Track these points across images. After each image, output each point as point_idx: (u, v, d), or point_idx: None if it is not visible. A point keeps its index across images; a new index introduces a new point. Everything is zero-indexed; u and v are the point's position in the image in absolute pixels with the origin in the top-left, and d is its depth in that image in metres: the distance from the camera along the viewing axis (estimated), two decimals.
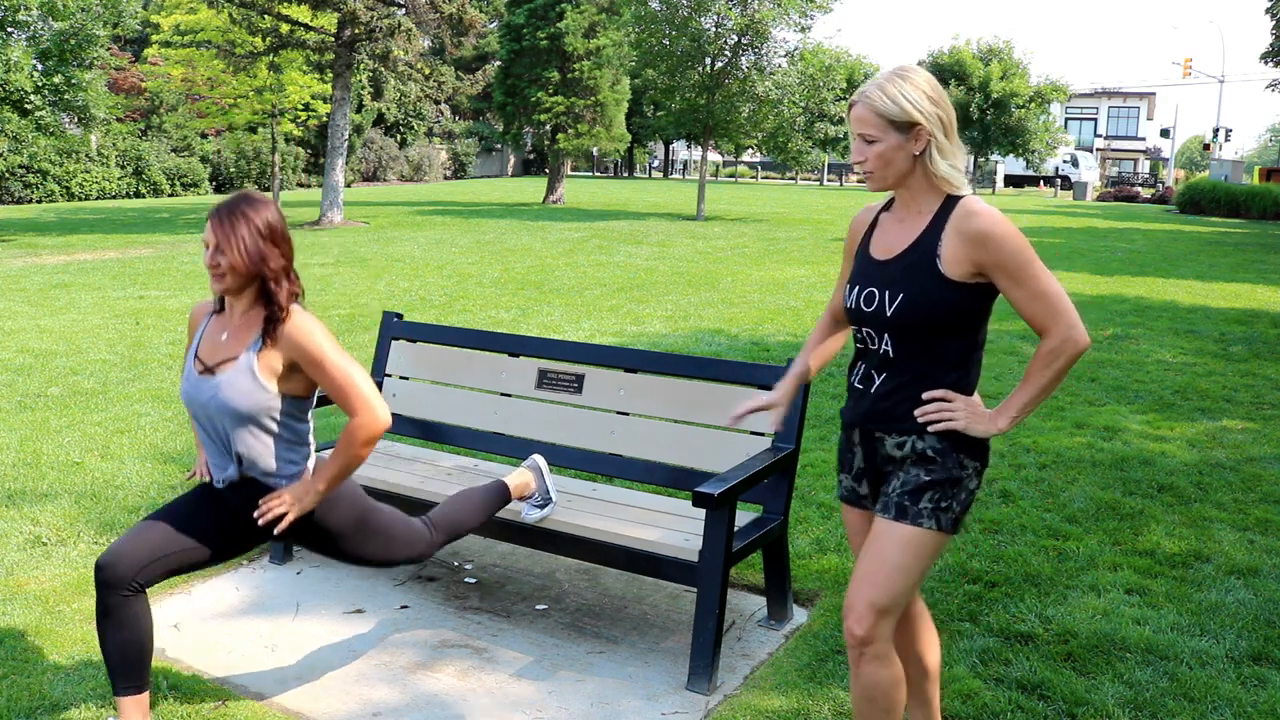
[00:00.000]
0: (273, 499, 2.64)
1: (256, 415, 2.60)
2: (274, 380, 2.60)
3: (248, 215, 2.57)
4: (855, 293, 2.30)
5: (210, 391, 2.60)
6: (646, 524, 3.36)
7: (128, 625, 2.60)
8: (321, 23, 21.36)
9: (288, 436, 2.67)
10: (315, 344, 2.58)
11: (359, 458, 2.64)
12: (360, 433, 2.60)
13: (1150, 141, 66.48)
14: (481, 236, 18.30)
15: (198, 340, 2.73)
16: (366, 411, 2.60)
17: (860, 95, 2.21)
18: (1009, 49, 45.95)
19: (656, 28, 22.82)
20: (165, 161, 36.63)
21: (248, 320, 2.64)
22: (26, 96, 16.69)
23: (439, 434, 4.13)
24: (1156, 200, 38.80)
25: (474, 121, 55.64)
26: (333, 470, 2.64)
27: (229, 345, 2.64)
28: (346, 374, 2.60)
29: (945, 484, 2.23)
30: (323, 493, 2.66)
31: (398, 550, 2.91)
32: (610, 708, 3.02)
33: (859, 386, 2.34)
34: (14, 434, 5.67)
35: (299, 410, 2.69)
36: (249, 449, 2.63)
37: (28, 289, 11.58)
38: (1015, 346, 8.48)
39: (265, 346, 2.59)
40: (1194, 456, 5.46)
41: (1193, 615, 3.57)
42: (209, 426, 2.66)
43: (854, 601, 2.24)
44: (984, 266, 2.16)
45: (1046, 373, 2.17)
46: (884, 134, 2.19)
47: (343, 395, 2.60)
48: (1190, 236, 21.05)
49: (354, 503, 2.81)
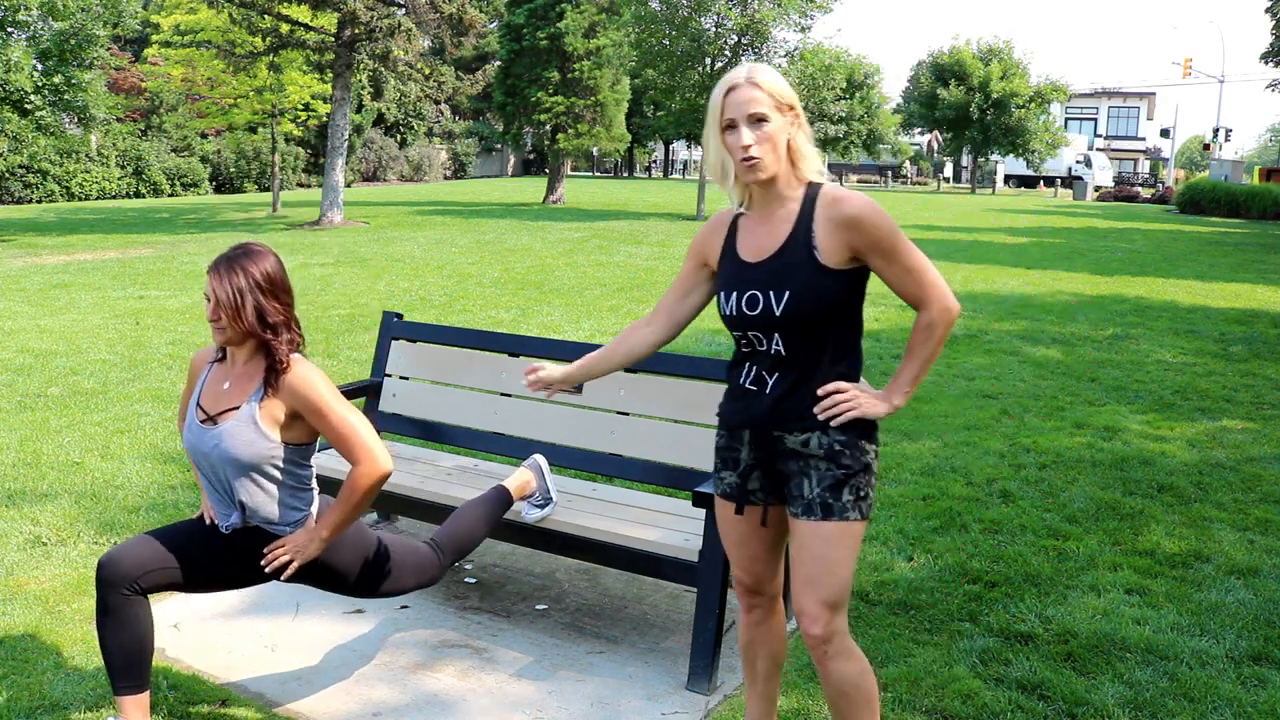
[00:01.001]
0: (277, 547, 2.67)
1: (259, 464, 2.61)
2: (276, 429, 2.62)
3: (247, 269, 2.58)
4: (734, 299, 2.28)
5: (213, 441, 2.62)
6: (646, 524, 3.36)
7: (128, 624, 2.61)
8: (321, 23, 21.36)
9: (290, 484, 2.69)
10: (317, 393, 2.61)
11: (362, 505, 2.66)
12: (363, 481, 2.62)
13: (1150, 141, 66.49)
14: (481, 236, 18.31)
15: (199, 389, 2.74)
16: (368, 460, 2.62)
17: (741, 80, 2.21)
18: (1009, 49, 45.98)
19: (656, 28, 22.84)
20: (165, 161, 36.63)
21: (249, 370, 2.66)
22: (26, 96, 16.69)
23: (439, 434, 4.13)
24: (1156, 200, 38.80)
25: (474, 121, 55.64)
26: (336, 518, 2.67)
27: (231, 394, 2.66)
28: (348, 422, 2.62)
29: (859, 474, 2.26)
30: (326, 540, 2.68)
31: (408, 580, 2.93)
32: (610, 708, 3.02)
33: (750, 388, 2.32)
34: (14, 434, 5.67)
35: (301, 457, 2.70)
36: (252, 497, 2.65)
37: (28, 289, 11.59)
38: (1016, 346, 8.48)
39: (267, 396, 2.61)
40: (1194, 456, 5.46)
41: (1193, 615, 3.57)
42: (211, 475, 2.67)
43: (804, 606, 2.26)
44: (858, 250, 2.21)
45: (929, 344, 2.25)
46: (773, 113, 2.20)
47: (344, 444, 2.62)
48: (1190, 236, 21.05)
49: (359, 542, 2.82)
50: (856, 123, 47.61)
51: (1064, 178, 48.65)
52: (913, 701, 3.00)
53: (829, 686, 2.32)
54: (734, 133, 2.20)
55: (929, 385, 7.02)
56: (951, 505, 4.64)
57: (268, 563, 2.67)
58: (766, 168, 2.21)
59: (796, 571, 2.28)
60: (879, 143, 49.96)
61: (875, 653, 3.28)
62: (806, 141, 2.25)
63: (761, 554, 2.45)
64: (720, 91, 2.23)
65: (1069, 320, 9.94)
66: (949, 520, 4.47)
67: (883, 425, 5.98)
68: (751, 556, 2.46)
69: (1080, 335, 9.11)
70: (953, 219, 25.34)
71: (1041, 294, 11.78)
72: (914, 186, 55.29)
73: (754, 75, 2.21)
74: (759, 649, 2.57)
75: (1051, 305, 10.92)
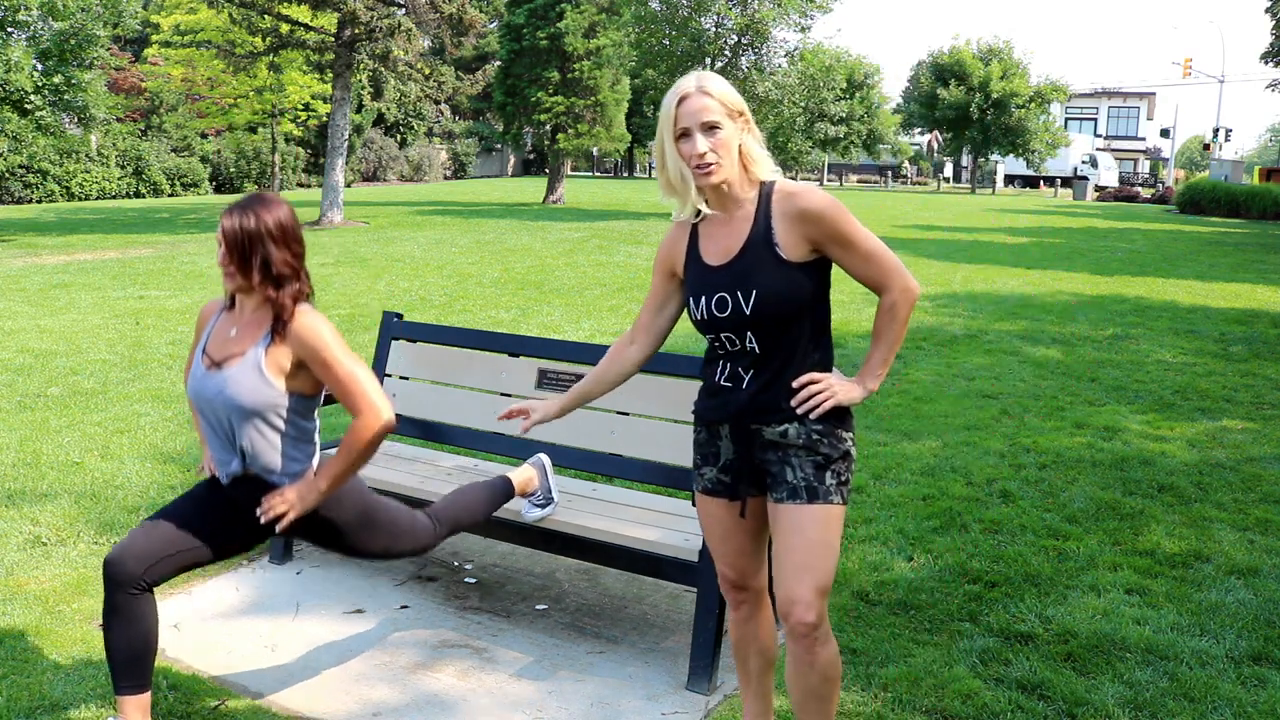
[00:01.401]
0: (275, 497, 2.65)
1: (262, 411, 2.61)
2: (281, 378, 2.61)
3: (260, 216, 2.60)
4: (703, 302, 2.33)
5: (217, 386, 2.61)
6: (646, 524, 3.36)
7: (133, 623, 2.61)
8: (321, 23, 21.37)
9: (293, 434, 2.68)
10: (323, 343, 2.60)
11: (363, 457, 2.65)
12: (364, 433, 2.61)
13: (1150, 141, 66.51)
14: (481, 236, 18.31)
15: (206, 336, 2.74)
16: (371, 412, 2.62)
17: (692, 89, 2.26)
18: (1009, 49, 46.01)
19: (656, 28, 22.84)
20: (165, 161, 36.63)
21: (257, 318, 2.66)
22: (26, 96, 16.68)
23: (439, 434, 4.13)
24: (1156, 200, 38.80)
25: (474, 121, 55.64)
26: (336, 469, 2.65)
27: (237, 341, 2.65)
28: (352, 374, 2.61)
29: (839, 460, 2.31)
30: (325, 492, 2.67)
31: (402, 543, 2.91)
32: (610, 708, 3.02)
33: (726, 384, 2.36)
34: (14, 434, 5.67)
35: (305, 408, 2.70)
36: (253, 444, 2.64)
37: (28, 289, 11.58)
38: (1016, 346, 8.48)
39: (273, 343, 2.61)
40: (1194, 456, 5.46)
41: (1193, 615, 3.57)
42: (214, 421, 2.66)
43: (798, 593, 2.27)
44: (816, 241, 2.26)
45: (893, 326, 2.32)
46: (724, 120, 2.25)
47: (348, 395, 2.62)
48: (1190, 236, 21.05)
49: (357, 498, 2.81)
50: (856, 123, 47.61)
51: (1069, 178, 48.44)
52: (913, 701, 3.00)
53: (814, 674, 2.34)
54: (688, 141, 2.26)
55: (929, 385, 7.03)
56: (951, 505, 4.64)
57: (264, 512, 2.64)
58: (721, 171, 2.26)
59: (785, 559, 2.30)
60: (879, 143, 49.96)
61: (875, 653, 3.28)
62: (757, 145, 2.32)
63: (746, 547, 2.49)
64: (672, 101, 2.27)
65: (1069, 320, 9.94)
66: (949, 520, 4.47)
67: (883, 425, 5.98)
68: (736, 550, 2.49)
69: (1080, 335, 9.11)
70: (953, 219, 25.34)
71: (1041, 294, 11.78)
72: (914, 186, 55.29)
73: (704, 84, 2.26)
74: (750, 646, 2.60)
75: (1051, 305, 10.92)
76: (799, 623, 2.28)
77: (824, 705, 2.39)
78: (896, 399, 6.63)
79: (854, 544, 4.19)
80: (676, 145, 2.28)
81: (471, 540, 4.29)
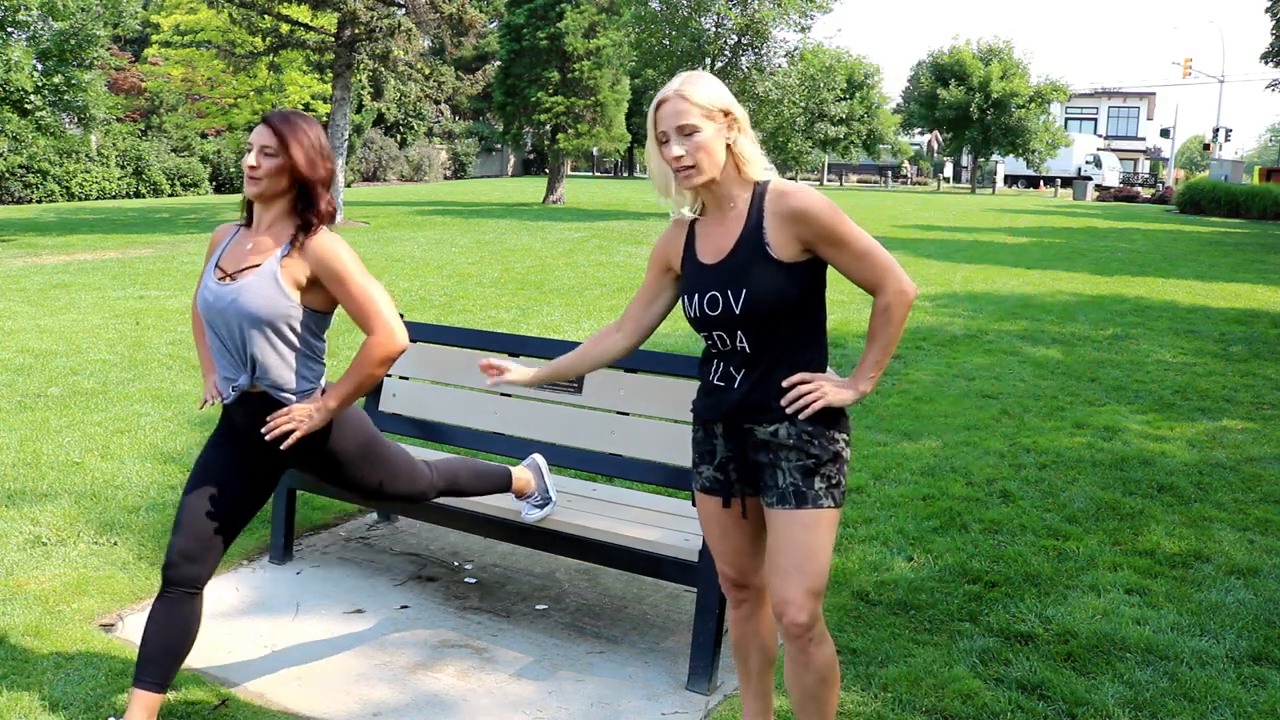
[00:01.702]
0: (281, 415, 2.65)
1: (275, 321, 2.61)
2: (296, 290, 2.62)
3: (304, 126, 2.66)
4: (695, 300, 2.33)
5: (230, 296, 2.62)
6: (646, 524, 3.36)
7: (179, 621, 2.67)
8: (321, 23, 21.38)
9: (304, 350, 2.68)
10: (340, 259, 2.62)
11: (373, 377, 2.65)
12: (377, 351, 2.63)
13: (1150, 141, 66.51)
14: (481, 236, 18.31)
15: (220, 253, 2.74)
16: (384, 331, 2.63)
17: (670, 94, 2.27)
18: (1009, 49, 46.02)
19: (656, 28, 22.84)
20: (165, 161, 36.62)
21: (275, 233, 2.67)
22: (26, 96, 16.68)
23: (439, 434, 4.13)
24: (1156, 200, 38.80)
25: (474, 121, 55.63)
26: (345, 389, 2.66)
27: (253, 254, 2.66)
28: (367, 292, 2.63)
29: (830, 463, 2.30)
30: (333, 411, 2.66)
31: (399, 483, 2.92)
32: (610, 708, 3.02)
33: (719, 384, 2.37)
34: (14, 434, 5.67)
35: (317, 325, 2.70)
36: (264, 356, 2.63)
37: (28, 289, 11.58)
38: (1016, 346, 8.48)
39: (291, 254, 2.62)
40: (1194, 456, 5.46)
41: (1193, 615, 3.57)
42: (225, 334, 2.66)
43: (790, 595, 2.28)
44: (808, 241, 2.25)
45: (889, 328, 2.29)
46: (703, 123, 2.25)
47: (362, 313, 2.63)
48: (1190, 236, 21.05)
49: (360, 428, 2.82)
50: (856, 123, 47.62)
51: (1071, 178, 48.24)
52: (913, 701, 3.00)
53: (809, 675, 2.35)
54: (667, 145, 2.27)
55: (929, 385, 7.03)
56: (951, 505, 4.64)
57: (270, 429, 2.64)
58: (702, 172, 2.27)
59: (777, 561, 2.31)
60: (879, 143, 49.97)
61: (875, 653, 3.28)
62: (750, 144, 2.31)
63: (745, 545, 2.49)
64: (653, 106, 2.30)
65: (1069, 320, 9.94)
66: (949, 520, 4.47)
67: (883, 425, 5.98)
68: (735, 549, 2.50)
69: (1080, 335, 9.12)
70: (953, 219, 25.34)
71: (1041, 294, 11.78)
72: (914, 186, 55.29)
73: (682, 88, 2.27)
74: (750, 644, 2.60)
75: (1051, 305, 10.92)
76: (792, 623, 2.29)
77: (822, 706, 2.39)
78: (896, 399, 6.63)
79: (854, 544, 4.19)
80: (660, 149, 2.30)
81: (471, 540, 4.29)
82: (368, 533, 4.43)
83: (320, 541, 4.31)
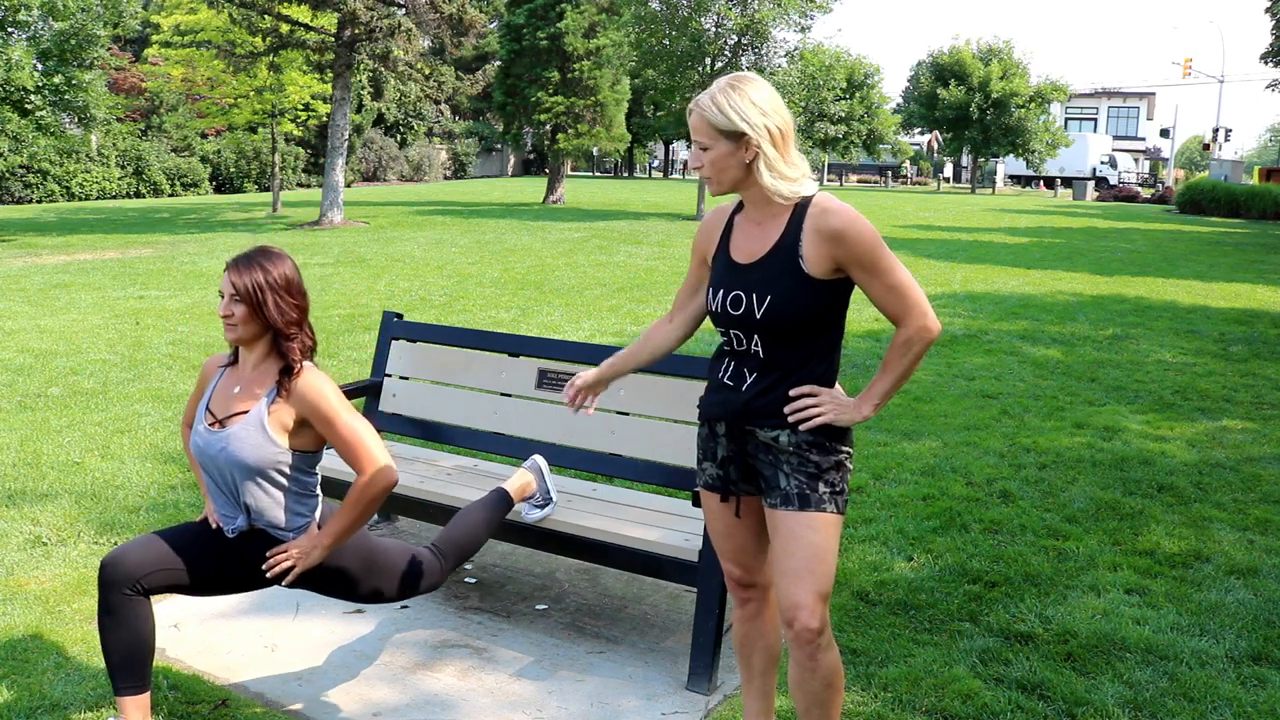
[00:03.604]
0: (279, 552, 2.68)
1: (265, 469, 2.63)
2: (284, 435, 2.63)
3: (265, 268, 2.61)
4: (720, 296, 2.34)
5: (220, 444, 2.63)
6: (646, 524, 3.36)
7: (128, 624, 2.62)
8: (321, 23, 21.36)
9: (296, 490, 2.70)
10: (327, 402, 2.63)
11: (367, 514, 2.68)
12: (369, 489, 2.64)
13: (1150, 141, 66.50)
14: (481, 236, 18.30)
15: (209, 393, 2.76)
16: (374, 469, 2.64)
17: (695, 103, 2.27)
18: (1009, 49, 45.99)
19: (656, 28, 22.82)
20: (165, 161, 36.63)
21: (260, 374, 2.68)
22: (27, 96, 16.68)
23: (439, 434, 4.13)
24: (1156, 200, 38.79)
25: (474, 121, 55.61)
26: (340, 525, 2.68)
27: (240, 399, 2.67)
28: (355, 433, 2.64)
29: (832, 470, 2.31)
30: (329, 547, 2.69)
31: (407, 585, 2.92)
32: (610, 708, 3.02)
33: (729, 383, 2.37)
34: (14, 434, 5.67)
35: (307, 464, 2.72)
36: (257, 501, 2.66)
37: (28, 289, 11.58)
38: (1015, 346, 8.48)
39: (278, 400, 2.63)
40: (1194, 456, 5.46)
41: (1193, 615, 3.57)
42: (218, 478, 2.69)
43: (800, 599, 2.27)
44: (841, 262, 2.24)
45: (904, 360, 2.27)
46: (714, 142, 2.26)
47: (351, 453, 2.64)
48: (1190, 236, 21.05)
49: (361, 549, 2.83)
50: (856, 123, 47.60)
51: (1086, 178, 47.75)
52: (913, 701, 3.00)
53: (815, 680, 2.34)
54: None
55: (929, 385, 7.03)
56: (951, 505, 4.64)
57: (270, 568, 2.68)
58: (718, 184, 2.30)
59: (784, 564, 2.30)
60: (879, 143, 49.95)
61: (875, 653, 3.28)
62: (777, 160, 2.24)
63: (748, 543, 2.49)
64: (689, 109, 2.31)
65: (1069, 320, 9.94)
66: (949, 520, 4.47)
67: (883, 425, 5.98)
68: (738, 547, 2.50)
69: (1080, 335, 9.12)
70: (953, 219, 25.34)
71: (1041, 294, 11.78)
72: (914, 186, 55.28)
73: (700, 102, 2.26)
74: (754, 644, 2.60)
75: (1051, 305, 10.92)
76: (803, 629, 2.28)
77: (828, 711, 2.39)
78: (897, 399, 6.63)
79: (854, 544, 4.19)
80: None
81: None
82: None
83: None
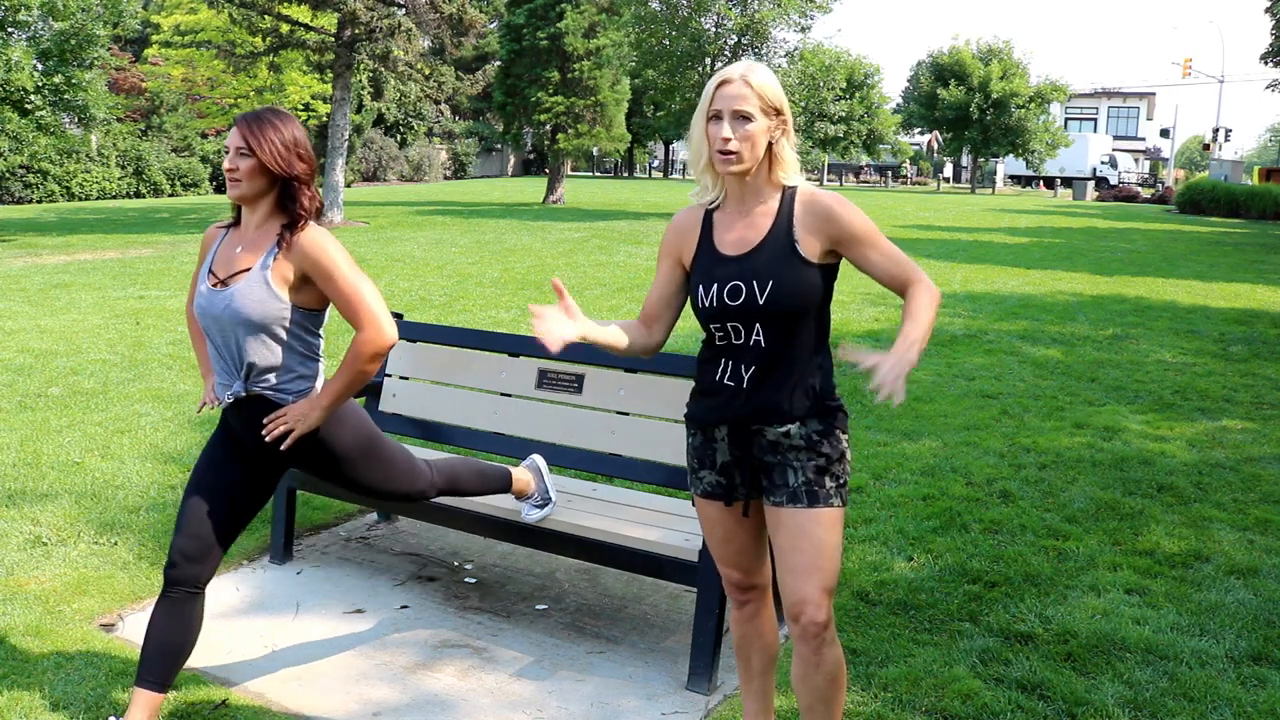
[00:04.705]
0: (278, 416, 2.66)
1: (268, 324, 2.62)
2: (286, 290, 2.63)
3: (276, 124, 2.64)
4: (714, 290, 2.31)
5: (224, 302, 2.63)
6: (646, 524, 3.36)
7: (181, 621, 2.69)
8: (321, 23, 21.37)
9: (299, 349, 2.69)
10: (328, 256, 2.62)
11: (364, 374, 2.66)
12: (366, 347, 2.63)
13: (1150, 141, 66.50)
14: (481, 236, 18.31)
15: (211, 258, 2.76)
16: (373, 327, 2.63)
17: (738, 74, 2.26)
18: (1009, 49, 46.00)
19: (656, 28, 22.84)
20: (165, 161, 36.62)
21: (263, 233, 2.68)
22: (27, 96, 16.67)
23: (439, 434, 4.13)
24: (1156, 200, 38.79)
25: (474, 121, 55.61)
26: (337, 386, 2.66)
27: (243, 257, 2.67)
28: (355, 287, 2.63)
29: (837, 462, 2.33)
30: (327, 409, 2.67)
31: (398, 481, 2.91)
32: (610, 708, 3.02)
33: (728, 384, 2.34)
34: (14, 434, 5.67)
35: (310, 323, 2.71)
36: (260, 359, 2.65)
37: (28, 289, 11.58)
38: (1016, 347, 8.48)
39: (279, 255, 2.62)
40: (1194, 456, 5.46)
41: (1193, 615, 3.57)
42: (220, 339, 2.68)
43: (807, 594, 2.28)
44: (836, 239, 2.28)
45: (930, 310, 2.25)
46: (758, 114, 2.26)
47: (351, 309, 2.63)
48: (1190, 236, 21.05)
49: (360, 426, 2.82)
50: (856, 123, 47.59)
51: (1087, 178, 47.67)
52: (913, 701, 3.00)
53: (819, 675, 2.35)
54: (717, 124, 2.27)
55: (929, 385, 7.03)
56: (951, 505, 4.64)
57: (268, 431, 2.65)
58: (742, 161, 2.27)
59: (791, 561, 2.31)
60: (879, 143, 49.95)
61: (875, 653, 3.28)
62: (789, 148, 2.32)
63: (749, 546, 2.49)
64: (713, 83, 2.29)
65: (1069, 320, 9.94)
66: (949, 520, 4.47)
67: (883, 425, 5.98)
68: (739, 551, 2.49)
69: (1080, 335, 9.12)
70: (953, 219, 25.34)
71: (1041, 294, 11.78)
72: (914, 186, 55.28)
73: (748, 74, 2.27)
74: (753, 644, 2.60)
75: (1051, 305, 10.92)
76: (810, 623, 2.29)
77: (831, 707, 2.39)
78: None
79: (854, 544, 4.19)
80: (706, 125, 2.29)
81: (471, 540, 4.29)
82: (368, 533, 4.43)
83: (320, 541, 4.31)
